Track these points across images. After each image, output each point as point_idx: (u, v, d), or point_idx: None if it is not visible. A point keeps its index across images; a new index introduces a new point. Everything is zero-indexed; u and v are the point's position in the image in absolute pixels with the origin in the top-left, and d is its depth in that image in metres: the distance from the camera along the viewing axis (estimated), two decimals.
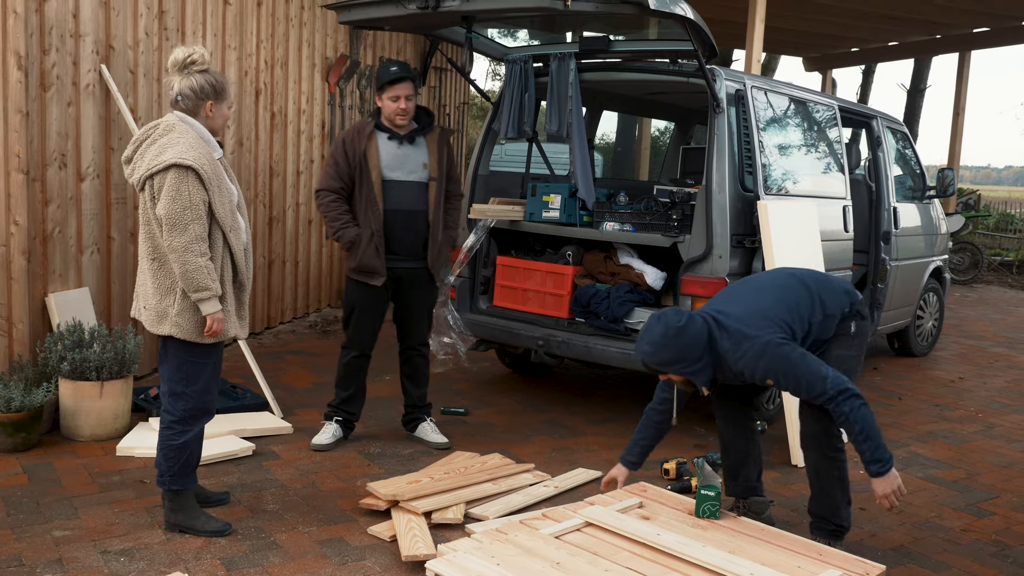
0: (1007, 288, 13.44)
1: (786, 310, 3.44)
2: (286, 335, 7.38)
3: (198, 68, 3.41)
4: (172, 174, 3.25)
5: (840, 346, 3.60)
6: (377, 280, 4.53)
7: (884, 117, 7.07)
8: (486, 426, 5.23)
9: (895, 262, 6.72)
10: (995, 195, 27.86)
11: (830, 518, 3.65)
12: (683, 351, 3.34)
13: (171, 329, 3.38)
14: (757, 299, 3.49)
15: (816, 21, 11.84)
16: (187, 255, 3.26)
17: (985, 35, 12.46)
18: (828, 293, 3.57)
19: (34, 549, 3.35)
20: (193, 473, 3.58)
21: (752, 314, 3.39)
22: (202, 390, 3.51)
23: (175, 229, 3.26)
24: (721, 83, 4.99)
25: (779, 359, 3.26)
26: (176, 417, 3.51)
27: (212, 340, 3.42)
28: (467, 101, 12.85)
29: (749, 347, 3.29)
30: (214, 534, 3.52)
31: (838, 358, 3.58)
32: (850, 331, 3.60)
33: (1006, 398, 6.61)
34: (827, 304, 3.53)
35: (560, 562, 3.18)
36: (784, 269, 3.77)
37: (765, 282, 3.65)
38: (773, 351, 3.27)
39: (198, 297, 3.31)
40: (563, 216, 5.57)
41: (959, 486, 4.65)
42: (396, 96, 4.48)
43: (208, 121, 3.45)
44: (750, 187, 5.07)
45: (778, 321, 3.37)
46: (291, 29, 7.47)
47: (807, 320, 3.47)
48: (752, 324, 3.34)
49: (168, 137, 3.33)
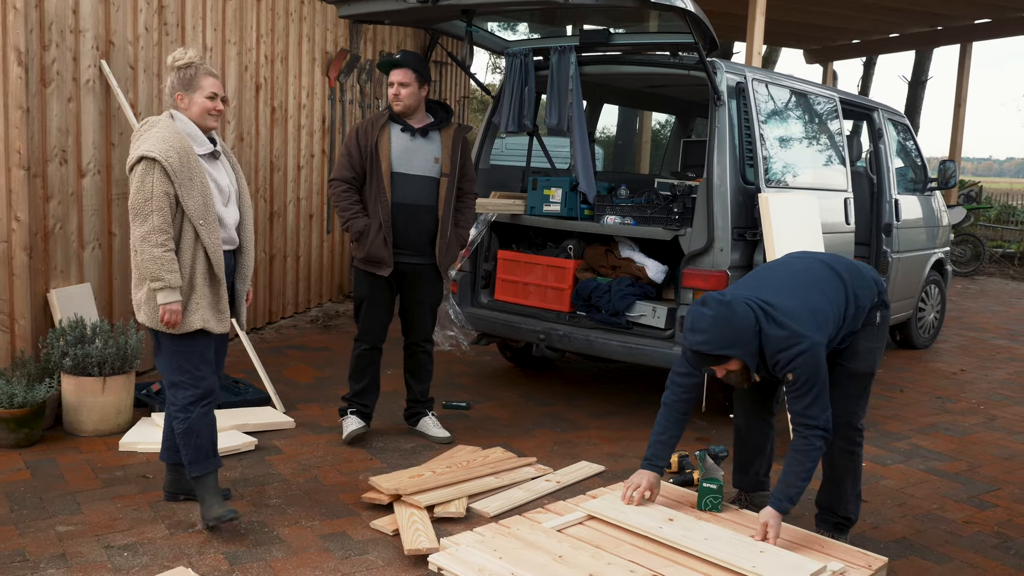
0: (1009, 280, 13.43)
1: (831, 308, 3.39)
2: (287, 330, 7.39)
3: (177, 65, 3.53)
4: (140, 166, 3.37)
5: (867, 337, 3.57)
6: (384, 270, 4.53)
7: (885, 109, 7.05)
8: (488, 420, 5.24)
9: (896, 254, 6.71)
10: (997, 187, 27.85)
11: (836, 510, 3.66)
12: (738, 333, 3.25)
13: (143, 318, 3.48)
14: (805, 294, 3.40)
15: (817, 13, 11.82)
16: (144, 245, 3.35)
17: (986, 26, 12.42)
18: (860, 285, 3.54)
19: (38, 544, 3.36)
20: (208, 459, 3.58)
21: (803, 310, 3.32)
22: (197, 375, 3.54)
23: (137, 218, 3.36)
24: (722, 76, 4.98)
25: (814, 366, 3.25)
26: (179, 406, 3.54)
27: (175, 331, 3.45)
28: (467, 95, 12.84)
29: (796, 344, 3.24)
30: (216, 521, 3.47)
31: (866, 351, 3.56)
32: (876, 321, 3.58)
33: (1008, 390, 6.61)
34: (860, 297, 3.52)
35: (562, 555, 3.19)
36: (815, 257, 3.66)
37: (802, 273, 3.54)
38: (813, 355, 3.24)
39: (153, 287, 3.38)
40: (564, 210, 5.56)
41: (961, 478, 4.65)
42: (391, 82, 4.50)
43: (187, 112, 3.53)
44: (751, 180, 5.06)
45: (825, 322, 3.34)
46: (291, 24, 7.46)
47: (843, 315, 3.46)
48: (804, 321, 3.29)
49: (149, 132, 3.44)
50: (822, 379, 3.27)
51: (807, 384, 3.26)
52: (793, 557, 3.16)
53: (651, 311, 5.21)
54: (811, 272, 3.53)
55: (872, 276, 3.64)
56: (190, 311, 3.45)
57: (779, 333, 3.26)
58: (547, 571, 3.07)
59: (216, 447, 3.64)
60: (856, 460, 3.61)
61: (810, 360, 3.24)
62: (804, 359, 3.23)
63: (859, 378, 3.57)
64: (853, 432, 3.57)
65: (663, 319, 5.15)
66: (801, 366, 3.24)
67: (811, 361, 3.24)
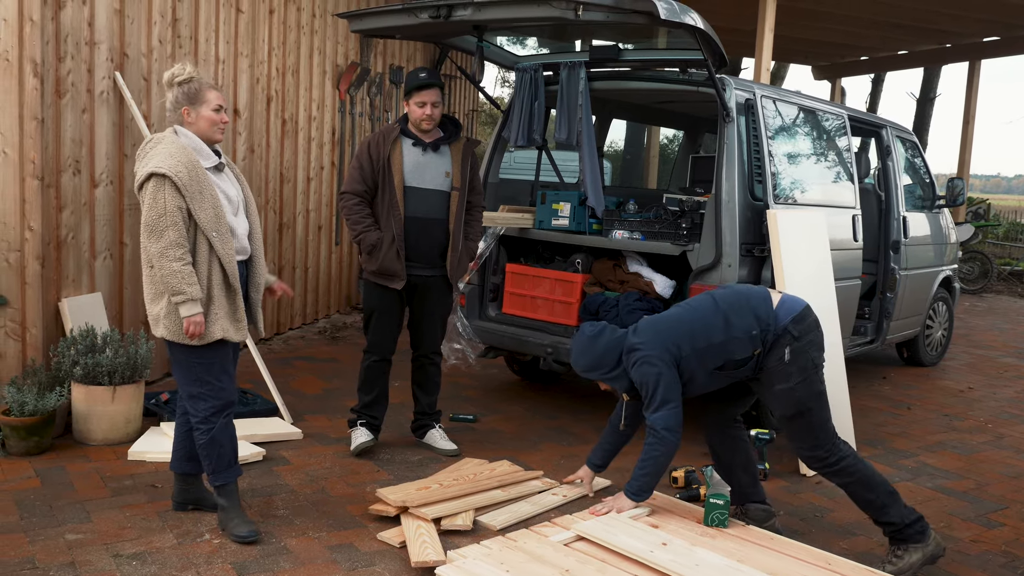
0: (1017, 298, 13.40)
1: (684, 326, 3.67)
2: (295, 341, 7.42)
3: (177, 81, 3.56)
4: (151, 183, 3.40)
5: (778, 379, 3.58)
6: (397, 283, 4.55)
7: (893, 126, 7.07)
8: (495, 433, 5.25)
9: (904, 271, 6.71)
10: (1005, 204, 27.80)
11: (879, 519, 3.61)
12: (596, 358, 3.76)
13: (163, 332, 3.50)
14: (664, 319, 3.77)
15: (825, 30, 11.86)
16: (162, 260, 3.38)
17: (995, 44, 12.45)
18: (735, 313, 3.63)
19: (47, 552, 3.38)
20: (231, 467, 3.64)
21: (645, 327, 3.73)
22: (217, 386, 3.58)
23: (153, 235, 3.39)
24: (731, 92, 5.00)
25: (642, 374, 3.62)
26: (200, 417, 3.58)
27: (197, 342, 3.48)
28: (476, 108, 12.90)
29: (632, 358, 3.66)
30: (238, 539, 3.55)
31: (781, 392, 3.57)
32: (784, 358, 3.56)
33: (1016, 408, 6.59)
34: (732, 325, 3.61)
35: (569, 569, 3.20)
36: (711, 292, 3.88)
37: (685, 303, 3.89)
38: (642, 365, 3.62)
39: (175, 300, 3.42)
40: (572, 224, 5.58)
41: (968, 496, 4.64)
42: (423, 102, 4.51)
43: (193, 127, 3.56)
44: (759, 196, 5.08)
45: (665, 338, 3.64)
46: (302, 37, 7.52)
47: (706, 338, 3.61)
48: (641, 338, 3.67)
49: (156, 149, 3.48)
50: (654, 383, 3.58)
51: (643, 388, 3.63)
52: (798, 574, 3.14)
53: None
54: (691, 302, 3.84)
55: (756, 308, 3.63)
56: (210, 322, 3.49)
57: (628, 350, 3.70)
58: None
59: (237, 456, 3.69)
60: (853, 475, 3.58)
61: (640, 368, 3.62)
62: (637, 367, 3.63)
63: (789, 420, 3.62)
64: (817, 463, 3.61)
65: None
66: (635, 374, 3.65)
67: (641, 369, 3.62)
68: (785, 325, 3.58)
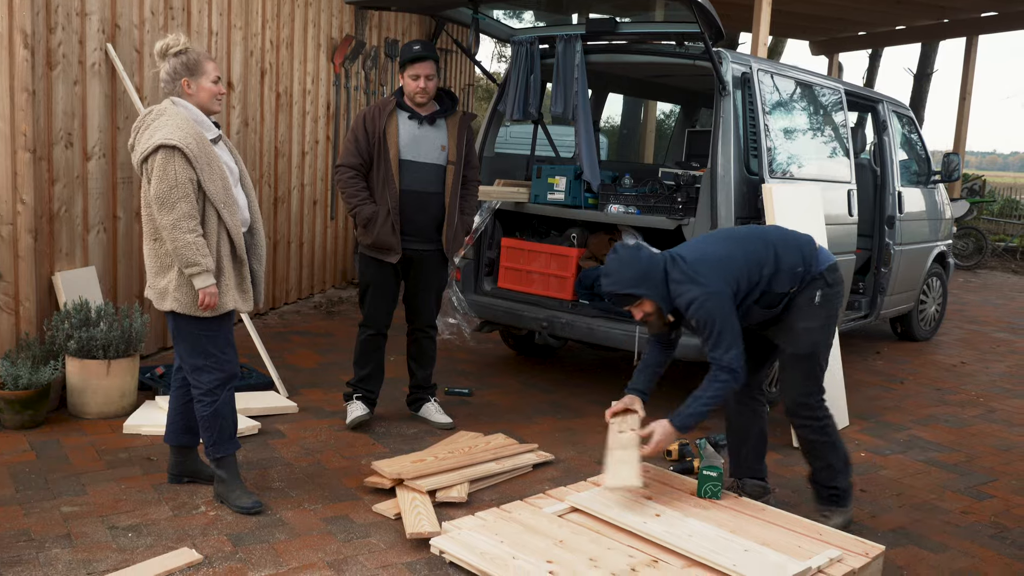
0: (1010, 274, 13.43)
1: (741, 261, 3.56)
2: (291, 315, 7.42)
3: (173, 52, 3.51)
4: (160, 155, 3.36)
5: (803, 317, 3.64)
6: (392, 257, 4.55)
7: (890, 101, 7.05)
8: (490, 406, 5.26)
9: (899, 247, 6.72)
10: (1000, 181, 27.78)
11: (823, 482, 3.74)
12: (643, 273, 3.52)
13: (172, 304, 3.48)
14: (715, 247, 3.63)
15: (823, 4, 11.78)
16: (176, 232, 3.36)
17: (993, 19, 12.38)
18: (784, 248, 3.64)
19: (43, 524, 3.39)
20: (231, 440, 3.67)
21: (709, 260, 3.55)
22: (222, 359, 3.59)
23: (164, 207, 3.36)
24: (727, 66, 4.98)
25: (710, 310, 3.46)
26: (204, 389, 3.59)
27: (209, 314, 3.48)
28: (472, 82, 12.81)
29: (691, 290, 3.48)
30: (242, 510, 3.57)
31: (803, 331, 3.63)
32: (814, 299, 3.63)
33: (1007, 383, 6.63)
34: (781, 258, 3.61)
35: (563, 540, 3.22)
36: (750, 225, 3.84)
37: (726, 232, 3.76)
38: (710, 300, 3.46)
39: (190, 272, 3.41)
40: (568, 198, 5.57)
41: (959, 469, 4.68)
42: (417, 75, 4.48)
43: (192, 98, 3.53)
44: (755, 170, 5.07)
45: (726, 274, 3.52)
46: (296, 9, 7.45)
47: (758, 269, 3.57)
48: (706, 271, 3.51)
49: (159, 120, 3.43)
50: (719, 322, 3.44)
51: (707, 327, 3.46)
52: (776, 556, 3.14)
53: None
54: (735, 231, 3.72)
55: (803, 247, 3.69)
56: (221, 293, 3.50)
57: (678, 277, 3.51)
58: (548, 555, 3.10)
59: (237, 428, 3.70)
60: (826, 433, 3.68)
61: (706, 304, 3.44)
62: (700, 303, 3.45)
63: (799, 360, 3.66)
64: (805, 410, 3.67)
65: None
66: (698, 311, 3.46)
67: (707, 305, 3.44)
68: (822, 270, 3.66)
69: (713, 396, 3.49)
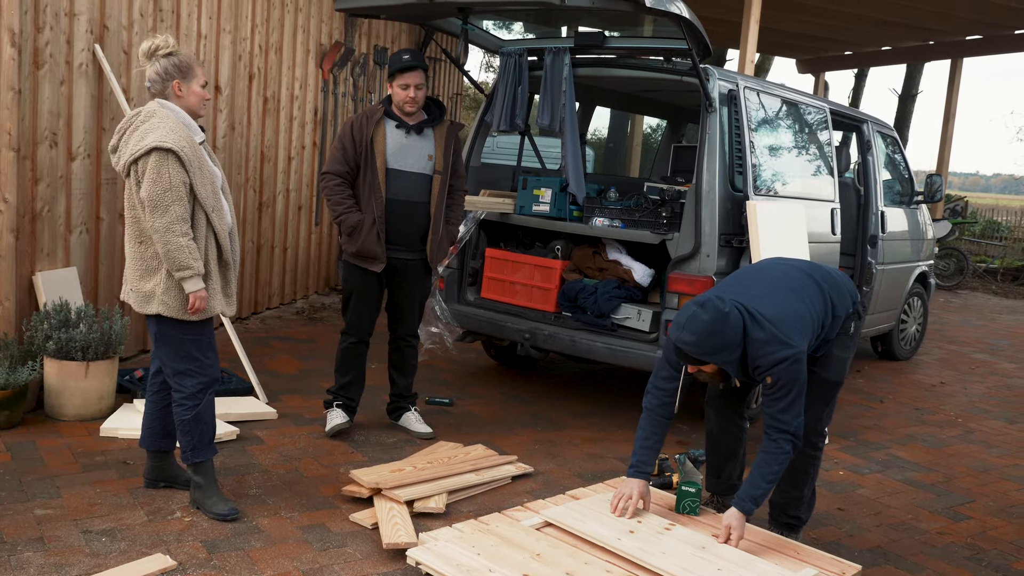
0: (991, 295, 13.55)
1: (812, 315, 3.45)
2: (273, 321, 7.38)
3: (163, 53, 3.48)
4: (154, 157, 3.33)
5: (840, 347, 3.66)
6: (377, 266, 4.54)
7: (875, 121, 7.11)
8: (470, 417, 5.25)
9: (881, 266, 6.77)
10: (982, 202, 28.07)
11: (788, 511, 3.74)
12: (727, 340, 3.29)
13: (158, 308, 3.45)
14: (787, 301, 3.44)
15: (810, 23, 11.88)
16: (168, 235, 3.34)
17: (978, 43, 12.52)
18: (837, 296, 3.62)
19: (15, 527, 3.35)
20: (210, 445, 3.64)
21: (787, 316, 3.37)
22: (205, 363, 3.58)
23: (156, 210, 3.34)
24: (714, 82, 5.01)
25: (794, 372, 3.30)
26: (186, 393, 3.56)
27: (196, 317, 3.47)
28: (460, 92, 12.83)
29: (780, 350, 3.28)
30: (218, 517, 3.55)
31: (838, 360, 3.65)
32: (849, 331, 3.67)
33: (986, 404, 6.67)
34: (837, 306, 3.60)
35: (540, 553, 3.21)
36: (793, 264, 3.71)
37: (782, 280, 3.57)
38: (796, 362, 3.29)
39: (180, 276, 3.39)
40: (553, 210, 5.58)
41: (937, 489, 4.70)
42: (406, 84, 4.47)
43: (181, 101, 3.51)
44: (739, 187, 5.09)
45: (806, 329, 3.39)
46: (286, 14, 7.45)
47: (821, 323, 3.53)
48: (788, 328, 3.33)
49: (150, 123, 3.40)
50: (800, 386, 3.32)
51: (785, 389, 3.30)
52: (768, 563, 3.17)
53: (636, 314, 5.24)
54: (791, 279, 3.58)
55: (848, 286, 3.71)
56: (209, 296, 3.49)
57: (762, 337, 3.30)
58: (525, 568, 3.09)
59: (215, 433, 3.68)
60: (816, 464, 3.72)
61: (792, 367, 3.28)
62: (786, 365, 3.27)
63: (829, 386, 3.67)
64: (817, 438, 3.67)
65: (648, 322, 5.18)
66: (783, 372, 3.28)
67: (793, 368, 3.28)
68: (856, 303, 3.70)
69: (779, 471, 3.35)
